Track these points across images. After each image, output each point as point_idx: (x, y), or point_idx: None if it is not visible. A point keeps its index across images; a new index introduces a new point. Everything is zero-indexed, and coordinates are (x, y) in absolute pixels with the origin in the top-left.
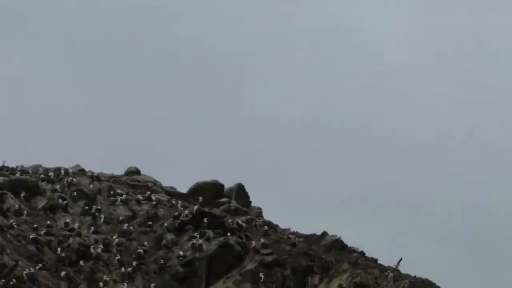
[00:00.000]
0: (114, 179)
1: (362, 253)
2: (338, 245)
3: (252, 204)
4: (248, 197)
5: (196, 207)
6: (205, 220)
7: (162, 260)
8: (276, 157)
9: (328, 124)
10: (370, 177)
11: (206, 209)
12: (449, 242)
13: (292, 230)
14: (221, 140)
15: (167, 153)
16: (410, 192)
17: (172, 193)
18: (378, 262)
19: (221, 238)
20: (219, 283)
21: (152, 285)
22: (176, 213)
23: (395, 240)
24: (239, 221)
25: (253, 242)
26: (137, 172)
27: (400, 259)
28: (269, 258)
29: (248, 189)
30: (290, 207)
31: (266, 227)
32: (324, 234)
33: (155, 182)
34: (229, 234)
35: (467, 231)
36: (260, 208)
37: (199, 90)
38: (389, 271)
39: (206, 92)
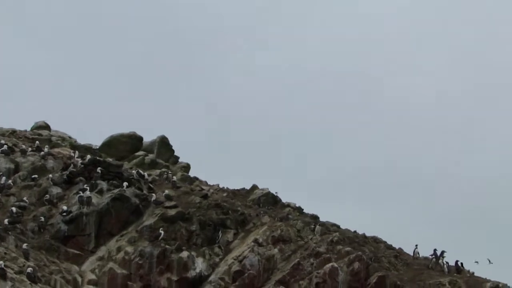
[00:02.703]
0: (11, 132)
1: (298, 208)
2: (268, 199)
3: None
4: (173, 151)
5: (89, 156)
6: (98, 170)
7: (42, 218)
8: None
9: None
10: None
11: (101, 158)
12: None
13: (221, 186)
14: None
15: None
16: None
17: (80, 148)
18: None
19: (116, 190)
20: (112, 242)
21: (25, 245)
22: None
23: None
24: (140, 171)
25: (154, 195)
26: (46, 127)
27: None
28: (172, 212)
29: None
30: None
31: (175, 178)
32: (254, 187)
33: (65, 138)
34: (126, 185)
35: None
36: (187, 163)
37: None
38: (315, 223)
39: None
